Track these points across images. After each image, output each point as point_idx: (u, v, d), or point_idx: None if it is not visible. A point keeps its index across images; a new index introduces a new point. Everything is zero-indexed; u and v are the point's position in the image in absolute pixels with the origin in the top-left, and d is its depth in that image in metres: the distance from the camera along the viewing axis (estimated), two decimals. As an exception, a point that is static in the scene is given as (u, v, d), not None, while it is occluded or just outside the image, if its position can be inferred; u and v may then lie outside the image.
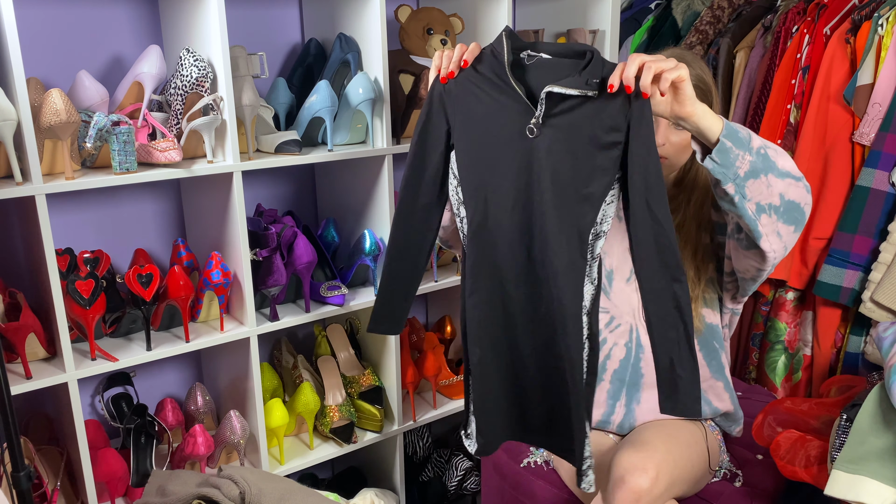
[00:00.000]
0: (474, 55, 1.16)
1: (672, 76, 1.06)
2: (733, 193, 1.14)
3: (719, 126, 1.12)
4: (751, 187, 1.14)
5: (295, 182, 2.00)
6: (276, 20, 1.88)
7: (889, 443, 1.25)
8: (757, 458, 1.56)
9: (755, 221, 1.17)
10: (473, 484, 2.05)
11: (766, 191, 1.15)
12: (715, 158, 1.12)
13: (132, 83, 1.53)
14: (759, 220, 1.17)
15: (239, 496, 1.31)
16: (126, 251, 1.78)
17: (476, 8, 1.90)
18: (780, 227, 1.19)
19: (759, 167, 1.13)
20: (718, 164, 1.12)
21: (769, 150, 1.16)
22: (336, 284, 1.77)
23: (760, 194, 1.15)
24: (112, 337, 1.62)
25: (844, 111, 1.84)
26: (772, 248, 1.21)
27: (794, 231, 1.21)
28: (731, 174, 1.13)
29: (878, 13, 1.77)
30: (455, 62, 1.16)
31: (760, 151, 1.14)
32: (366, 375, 1.90)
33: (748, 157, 1.12)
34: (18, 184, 1.35)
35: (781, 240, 1.21)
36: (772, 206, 1.17)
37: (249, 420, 1.72)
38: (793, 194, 1.18)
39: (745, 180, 1.14)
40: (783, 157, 1.17)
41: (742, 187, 1.14)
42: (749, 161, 1.12)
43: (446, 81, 1.17)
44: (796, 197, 1.18)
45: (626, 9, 2.56)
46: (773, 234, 1.20)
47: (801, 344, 2.00)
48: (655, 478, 1.28)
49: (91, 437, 1.63)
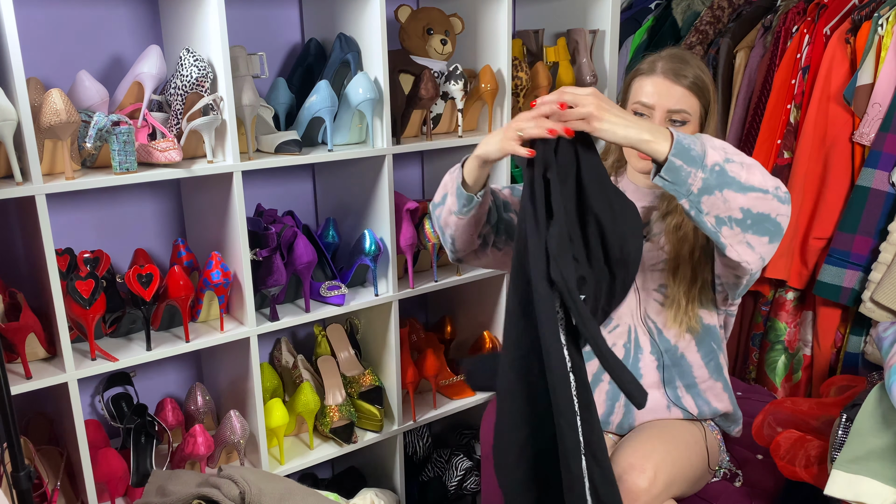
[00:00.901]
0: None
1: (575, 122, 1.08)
2: (688, 208, 1.14)
3: (666, 146, 1.11)
4: (706, 202, 1.13)
5: (295, 182, 2.00)
6: (276, 20, 1.88)
7: (889, 443, 1.25)
8: (757, 458, 1.56)
9: (716, 233, 1.17)
10: (473, 484, 2.05)
11: (724, 206, 1.14)
12: (664, 176, 1.12)
13: (132, 83, 1.53)
14: (721, 232, 1.17)
15: (239, 496, 1.32)
16: (126, 251, 1.78)
17: (476, 8, 1.90)
18: (749, 238, 1.18)
19: (713, 184, 1.12)
20: (669, 182, 1.12)
21: (731, 164, 1.14)
22: (336, 284, 1.77)
23: (717, 209, 1.14)
24: (112, 337, 1.62)
25: (844, 111, 1.84)
26: (742, 258, 1.20)
27: (770, 242, 1.20)
28: (684, 191, 1.13)
29: (878, 13, 1.77)
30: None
31: (715, 168, 1.12)
32: (366, 375, 1.90)
33: (700, 175, 1.11)
34: (18, 184, 1.35)
35: (754, 251, 1.20)
36: (733, 219, 1.16)
37: (249, 420, 1.72)
38: (761, 207, 1.16)
39: (698, 196, 1.13)
40: (750, 170, 1.15)
41: (697, 203, 1.14)
42: (701, 178, 1.11)
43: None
44: (765, 209, 1.17)
45: (626, 9, 2.56)
46: (740, 244, 1.19)
47: (801, 344, 2.00)
48: (654, 477, 1.28)
49: (91, 437, 1.63)
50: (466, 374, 1.24)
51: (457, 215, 1.34)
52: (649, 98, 1.37)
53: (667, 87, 1.36)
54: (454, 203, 1.33)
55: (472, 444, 2.16)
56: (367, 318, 1.96)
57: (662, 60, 1.38)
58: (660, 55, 1.40)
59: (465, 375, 1.23)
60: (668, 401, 1.47)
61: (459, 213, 1.34)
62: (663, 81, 1.36)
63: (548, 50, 2.01)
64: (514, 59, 1.89)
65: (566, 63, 1.99)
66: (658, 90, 1.36)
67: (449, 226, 1.39)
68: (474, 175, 1.28)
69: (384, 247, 1.80)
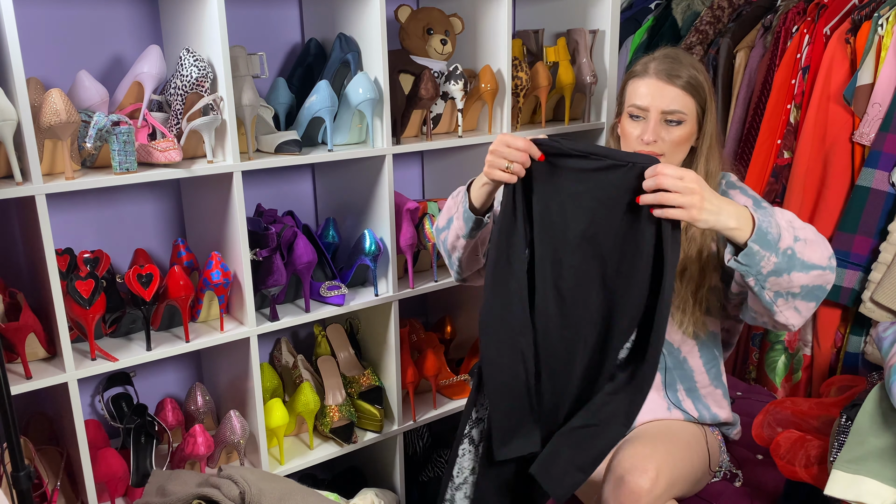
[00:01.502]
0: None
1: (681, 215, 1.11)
2: (753, 285, 1.18)
3: (748, 229, 1.14)
4: (772, 282, 1.17)
5: (295, 182, 2.00)
6: (276, 20, 1.88)
7: (889, 443, 1.25)
8: (757, 458, 1.56)
9: (771, 304, 1.21)
10: (473, 484, 2.05)
11: (787, 284, 1.18)
12: (740, 260, 1.16)
13: (132, 83, 1.53)
14: (776, 303, 1.21)
15: (239, 496, 1.32)
16: (126, 251, 1.78)
17: (476, 8, 1.90)
18: (798, 304, 1.22)
19: (783, 267, 1.16)
20: (742, 265, 1.16)
21: (798, 244, 1.17)
22: (336, 284, 1.77)
23: (780, 286, 1.18)
24: (112, 337, 1.62)
25: (844, 111, 1.84)
26: (788, 322, 1.24)
27: (815, 305, 1.24)
28: (754, 272, 1.16)
29: (878, 13, 1.77)
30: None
31: (787, 252, 1.16)
32: (366, 375, 1.90)
33: (773, 259, 1.15)
34: (18, 184, 1.35)
35: (800, 314, 1.24)
36: (790, 293, 1.20)
37: (249, 420, 1.72)
38: (818, 281, 1.20)
39: (766, 277, 1.17)
40: (813, 248, 1.19)
41: (763, 281, 1.17)
42: (774, 262, 1.15)
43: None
44: (821, 282, 1.21)
45: (626, 9, 2.56)
46: (789, 310, 1.22)
47: (801, 344, 2.00)
48: (655, 478, 1.28)
49: (91, 437, 1.63)
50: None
51: (465, 238, 1.37)
52: (643, 100, 1.36)
53: (660, 88, 1.35)
54: (461, 227, 1.36)
55: (472, 444, 2.16)
56: (367, 318, 1.96)
57: (655, 61, 1.38)
58: (653, 56, 1.40)
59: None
60: (669, 402, 1.46)
61: (468, 237, 1.37)
62: (656, 82, 1.36)
63: (548, 50, 2.01)
64: (514, 59, 1.89)
65: (566, 63, 1.99)
66: (651, 92, 1.35)
67: (457, 249, 1.41)
68: (479, 195, 1.33)
69: (384, 247, 1.80)
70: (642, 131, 1.36)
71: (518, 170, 1.21)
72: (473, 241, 1.38)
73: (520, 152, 1.20)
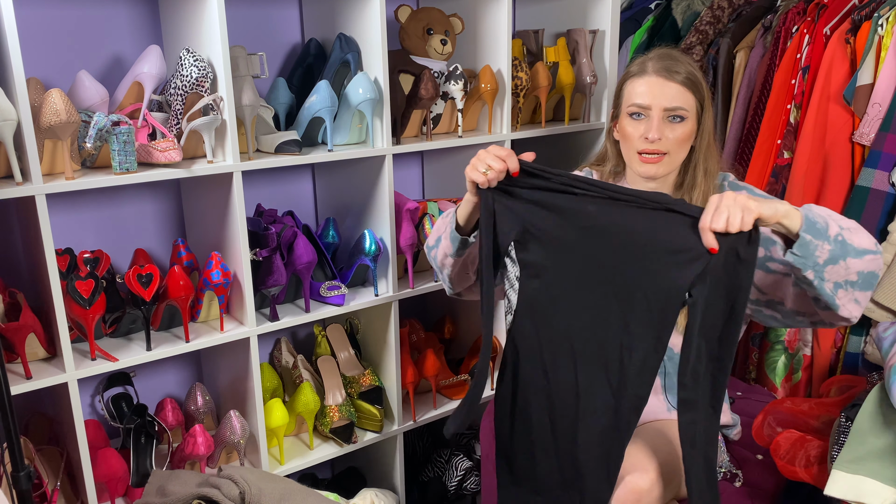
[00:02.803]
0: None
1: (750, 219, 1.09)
2: (812, 279, 1.17)
3: (798, 221, 1.14)
4: (829, 272, 1.17)
5: (295, 182, 2.00)
6: (276, 20, 1.88)
7: (889, 443, 1.25)
8: (757, 458, 1.56)
9: (832, 297, 1.20)
10: (473, 484, 2.05)
11: (844, 272, 1.18)
12: (796, 252, 1.15)
13: (132, 83, 1.53)
14: (836, 295, 1.20)
15: (239, 496, 1.32)
16: (126, 251, 1.78)
17: (476, 8, 1.90)
18: (857, 295, 1.21)
19: (838, 254, 1.16)
20: (799, 257, 1.15)
21: (845, 231, 1.17)
22: (336, 284, 1.77)
23: (839, 275, 1.18)
24: (112, 337, 1.62)
25: (844, 111, 1.84)
26: (851, 314, 1.24)
27: (871, 292, 1.24)
28: (811, 263, 1.15)
29: (878, 13, 1.77)
30: None
31: (838, 239, 1.16)
32: (366, 375, 1.90)
33: (827, 247, 1.15)
34: (18, 184, 1.35)
35: (859, 305, 1.23)
36: (848, 282, 1.19)
37: (249, 420, 1.72)
38: (872, 267, 1.20)
39: (824, 267, 1.16)
40: (859, 235, 1.19)
41: (821, 272, 1.17)
42: (828, 250, 1.15)
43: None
44: (874, 268, 1.21)
45: (626, 9, 2.56)
46: (850, 302, 1.22)
47: (801, 344, 2.00)
48: (656, 478, 1.28)
49: (91, 437, 1.63)
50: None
51: (453, 257, 1.39)
52: (644, 98, 1.36)
53: (661, 85, 1.35)
54: (449, 246, 1.38)
55: (472, 444, 2.16)
56: (367, 318, 1.96)
57: (652, 60, 1.38)
58: (648, 56, 1.40)
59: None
60: (669, 404, 1.46)
61: (455, 255, 1.39)
62: (657, 80, 1.35)
63: (548, 50, 2.01)
64: (514, 59, 1.89)
65: (566, 63, 1.99)
66: (652, 90, 1.35)
67: (446, 266, 1.43)
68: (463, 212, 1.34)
69: (384, 247, 1.80)
70: (646, 129, 1.36)
71: (493, 176, 1.22)
72: (461, 259, 1.40)
73: (498, 159, 1.22)
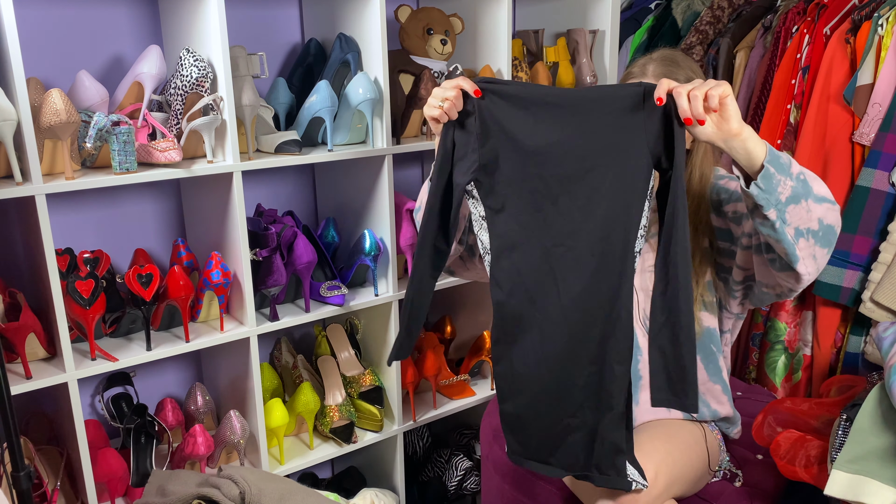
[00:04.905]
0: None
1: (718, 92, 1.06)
2: (774, 219, 1.15)
3: (763, 150, 1.12)
4: (791, 212, 1.15)
5: (295, 182, 2.00)
6: (276, 20, 1.88)
7: (889, 443, 1.25)
8: (757, 458, 1.56)
9: (793, 245, 1.18)
10: (473, 484, 2.05)
11: (806, 216, 1.16)
12: (759, 184, 1.12)
13: (132, 83, 1.53)
14: (798, 245, 1.18)
15: (239, 496, 1.32)
16: (126, 251, 1.78)
17: (476, 8, 1.90)
18: (816, 250, 1.20)
19: (800, 192, 1.14)
20: (762, 190, 1.13)
21: (807, 174, 1.16)
22: (336, 284, 1.77)
23: (800, 219, 1.16)
24: (112, 337, 1.62)
25: (844, 111, 1.84)
26: (807, 270, 1.22)
27: (828, 253, 1.22)
28: (774, 199, 1.13)
29: (878, 13, 1.77)
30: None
31: (800, 177, 1.14)
32: (366, 375, 1.90)
33: (790, 183, 1.13)
34: (18, 184, 1.35)
35: (816, 262, 1.22)
36: (810, 231, 1.18)
37: (249, 420, 1.72)
38: (830, 218, 1.19)
39: (786, 205, 1.14)
40: (818, 183, 1.18)
41: (783, 213, 1.15)
42: (791, 186, 1.13)
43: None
44: (833, 221, 1.19)
45: (626, 9, 2.56)
46: (809, 257, 1.20)
47: (801, 344, 2.00)
48: (654, 478, 1.28)
49: (91, 437, 1.63)
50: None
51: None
52: None
53: None
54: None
55: (472, 444, 2.16)
56: (367, 318, 1.96)
57: (654, 63, 1.38)
58: (650, 57, 1.39)
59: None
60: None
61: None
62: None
63: (548, 50, 2.01)
64: (514, 59, 1.89)
65: (566, 63, 1.99)
66: None
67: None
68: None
69: (384, 247, 1.80)
70: None
71: (449, 107, 1.19)
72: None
73: (453, 89, 1.19)
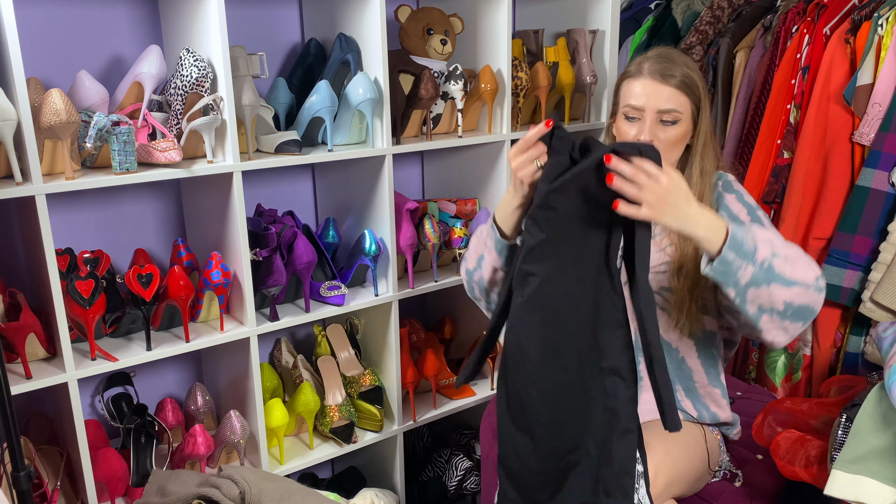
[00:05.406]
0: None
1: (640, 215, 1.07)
2: (733, 297, 1.16)
3: (721, 237, 1.13)
4: (752, 294, 1.16)
5: (295, 182, 2.00)
6: (276, 20, 1.88)
7: (889, 443, 1.25)
8: (757, 458, 1.56)
9: (756, 320, 1.19)
10: (473, 484, 2.05)
11: (768, 298, 1.16)
12: (716, 267, 1.14)
13: (132, 83, 1.53)
14: (760, 319, 1.19)
15: (239, 496, 1.32)
16: (126, 251, 1.78)
17: (476, 8, 1.90)
18: (786, 325, 1.20)
19: (761, 279, 1.14)
20: (719, 273, 1.14)
21: (777, 259, 1.15)
22: (336, 284, 1.77)
23: (762, 300, 1.16)
24: (112, 337, 1.62)
25: (844, 111, 1.84)
26: (776, 340, 1.23)
27: (803, 325, 1.23)
28: (732, 282, 1.15)
29: (878, 13, 1.77)
30: None
31: (764, 265, 1.14)
32: (366, 375, 1.90)
33: (750, 269, 1.13)
34: (18, 184, 1.35)
35: (787, 333, 1.22)
36: (774, 310, 1.18)
37: (249, 420, 1.72)
38: (801, 300, 1.18)
39: (745, 288, 1.15)
40: (795, 265, 1.17)
41: (743, 293, 1.16)
42: (751, 272, 1.14)
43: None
44: (806, 301, 1.19)
45: (626, 9, 2.56)
46: (776, 329, 1.21)
47: (800, 344, 2.00)
48: (654, 478, 1.28)
49: (91, 437, 1.63)
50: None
51: (503, 269, 1.36)
52: (638, 100, 1.37)
53: (655, 87, 1.36)
54: (496, 259, 1.35)
55: (472, 444, 2.16)
56: (367, 318, 1.96)
57: (649, 61, 1.38)
58: (646, 56, 1.40)
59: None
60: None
61: (505, 266, 1.35)
62: (651, 82, 1.36)
63: (548, 50, 2.01)
64: (514, 59, 1.89)
65: (566, 63, 1.99)
66: (646, 91, 1.36)
67: (496, 283, 1.40)
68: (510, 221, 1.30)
69: (384, 247, 1.80)
70: (638, 131, 1.37)
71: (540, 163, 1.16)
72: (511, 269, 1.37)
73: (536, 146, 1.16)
